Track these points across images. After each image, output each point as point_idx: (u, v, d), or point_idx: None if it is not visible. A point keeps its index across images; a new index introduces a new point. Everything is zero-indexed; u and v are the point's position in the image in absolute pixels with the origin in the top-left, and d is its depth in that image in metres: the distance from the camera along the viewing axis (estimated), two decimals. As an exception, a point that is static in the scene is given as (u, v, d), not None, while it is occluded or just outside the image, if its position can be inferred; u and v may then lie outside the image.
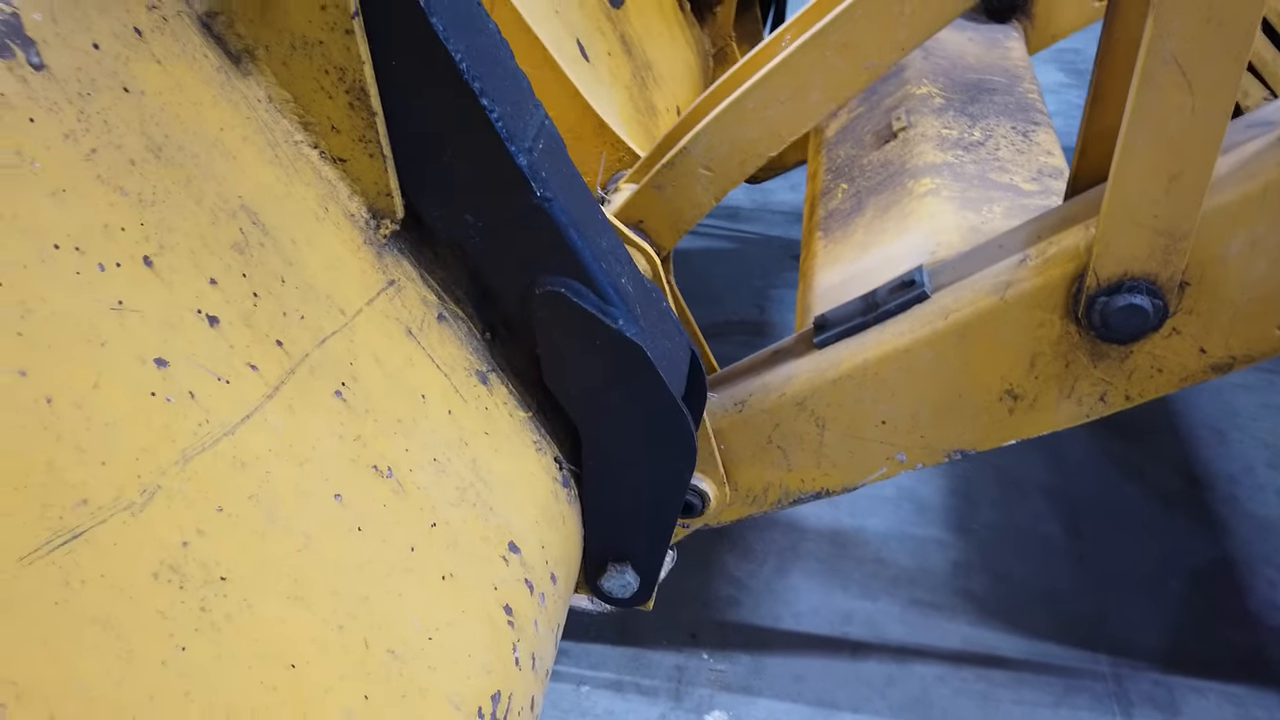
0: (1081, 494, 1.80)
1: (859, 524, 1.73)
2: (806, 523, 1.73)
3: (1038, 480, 1.82)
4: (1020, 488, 1.80)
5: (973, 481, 1.81)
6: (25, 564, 0.47)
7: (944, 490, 1.80)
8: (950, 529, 1.72)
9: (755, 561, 1.65)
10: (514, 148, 0.74)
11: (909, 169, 1.34)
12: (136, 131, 0.60)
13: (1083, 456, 1.87)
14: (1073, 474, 1.83)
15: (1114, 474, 1.83)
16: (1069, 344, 1.01)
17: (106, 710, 0.48)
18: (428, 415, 0.77)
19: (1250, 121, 0.92)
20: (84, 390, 0.52)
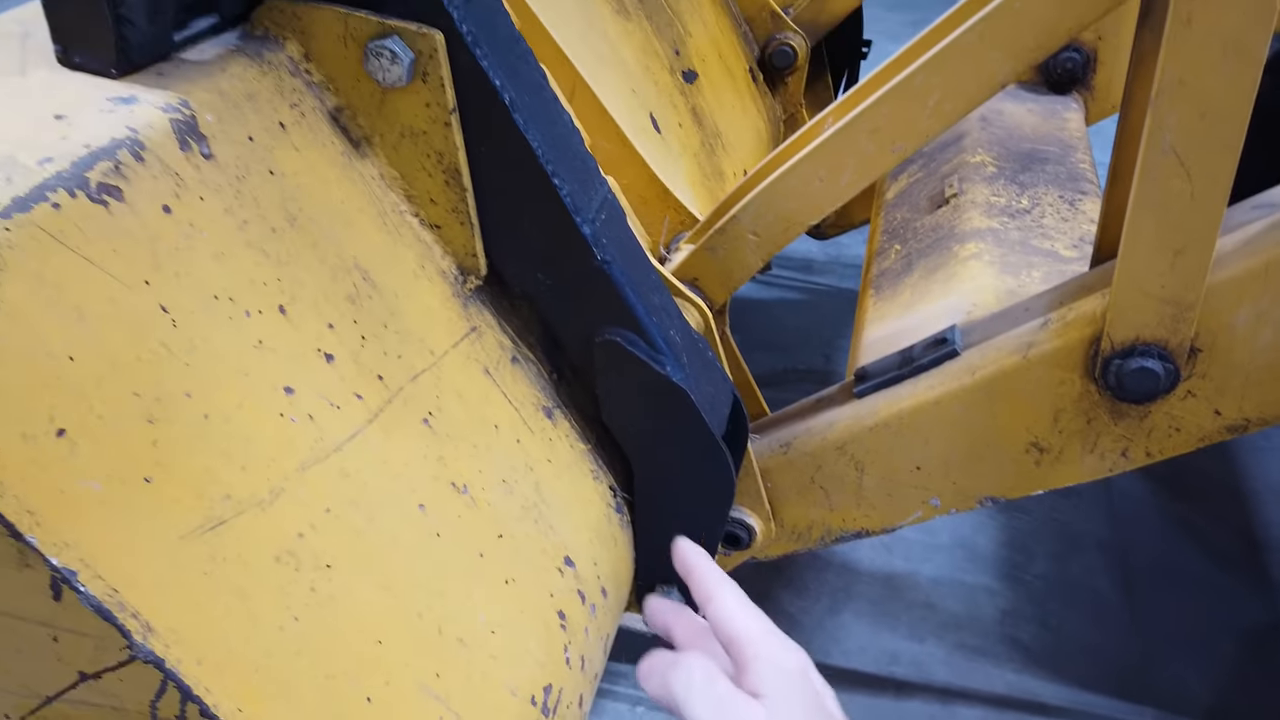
0: (1138, 550, 1.82)
1: (912, 569, 1.80)
2: (860, 565, 1.80)
3: (1094, 534, 1.86)
4: (1076, 540, 1.84)
5: (1027, 532, 1.86)
6: (184, 541, 0.61)
7: (997, 540, 1.85)
8: (1001, 578, 1.77)
9: (809, 599, 1.73)
10: (579, 219, 0.88)
11: (956, 233, 1.43)
12: (278, 205, 0.76)
13: (1141, 512, 1.90)
14: (1129, 529, 1.86)
15: (1172, 531, 1.85)
16: (1089, 402, 1.09)
17: (237, 660, 0.62)
18: (499, 443, 0.90)
19: (1256, 203, 1.00)
20: (231, 409, 0.67)
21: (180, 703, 0.58)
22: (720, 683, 0.66)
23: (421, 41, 0.79)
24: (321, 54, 0.82)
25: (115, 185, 0.64)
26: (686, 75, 1.56)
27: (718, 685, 0.66)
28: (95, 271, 0.61)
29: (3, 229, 0.57)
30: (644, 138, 1.31)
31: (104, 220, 0.63)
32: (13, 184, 0.60)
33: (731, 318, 2.45)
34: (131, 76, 0.72)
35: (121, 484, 0.59)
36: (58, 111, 0.67)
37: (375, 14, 0.78)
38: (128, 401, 0.61)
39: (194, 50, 0.78)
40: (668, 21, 1.56)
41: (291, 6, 0.80)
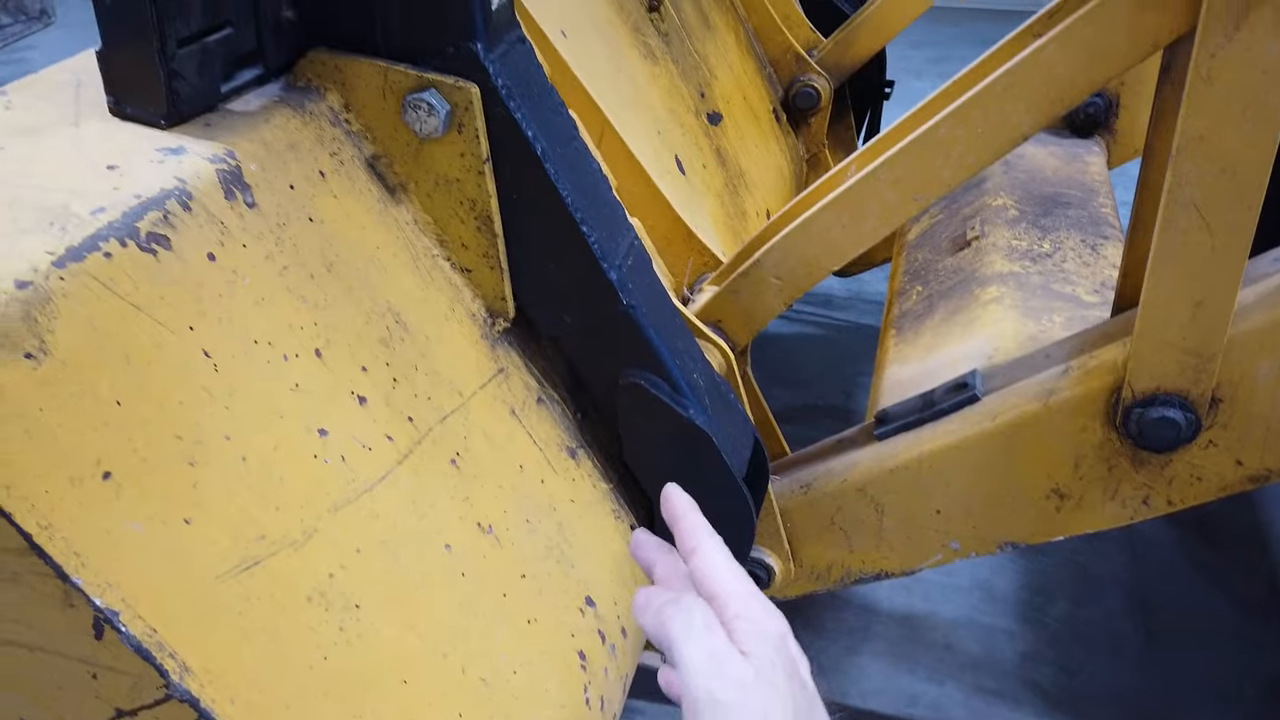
0: (1160, 595, 1.81)
1: (931, 609, 1.79)
2: (879, 605, 1.80)
3: (1116, 578, 1.84)
4: (1096, 584, 1.83)
5: (1047, 574, 1.85)
6: (220, 581, 0.63)
7: (1017, 582, 1.84)
8: (1021, 620, 1.76)
9: (827, 639, 1.73)
10: (606, 264, 0.90)
11: (978, 276, 1.44)
12: (316, 252, 0.78)
13: (1164, 557, 1.89)
14: (1152, 574, 1.85)
15: (1195, 578, 1.84)
16: (1110, 449, 1.09)
17: (268, 699, 0.63)
18: (524, 483, 0.92)
19: (1277, 255, 1.00)
20: (268, 451, 0.69)
21: (214, 740, 0.59)
22: (718, 633, 0.65)
23: (458, 94, 0.81)
24: (361, 105, 0.84)
25: (164, 234, 0.67)
26: (711, 117, 1.58)
27: (715, 635, 0.65)
28: (143, 318, 0.64)
29: (57, 278, 0.60)
30: (669, 180, 1.33)
31: (152, 268, 0.65)
32: (67, 233, 0.62)
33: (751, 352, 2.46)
34: (180, 127, 0.75)
35: (163, 525, 0.61)
36: (110, 162, 0.70)
37: (414, 68, 0.81)
38: (170, 444, 0.63)
39: (239, 101, 0.81)
40: (694, 65, 1.58)
41: (333, 59, 0.83)
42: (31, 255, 0.60)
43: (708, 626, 0.65)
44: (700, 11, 1.69)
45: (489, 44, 0.81)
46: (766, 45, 1.86)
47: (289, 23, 0.82)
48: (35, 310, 0.58)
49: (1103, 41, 0.89)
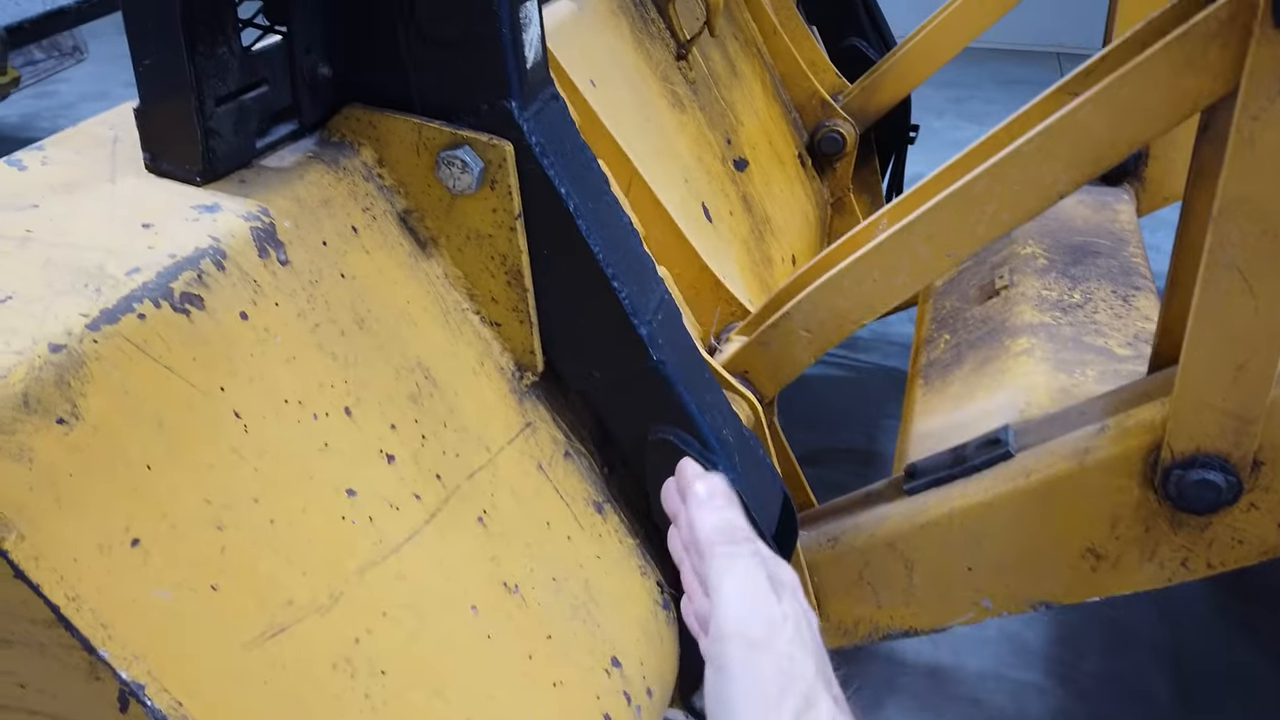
0: (1195, 654, 1.77)
1: (958, 662, 1.75)
2: (905, 657, 1.76)
3: (1149, 634, 1.80)
4: (1128, 639, 1.79)
5: (1078, 628, 1.81)
6: (246, 649, 0.62)
7: (1047, 635, 1.80)
8: (1051, 676, 1.72)
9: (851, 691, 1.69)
10: (637, 320, 0.89)
11: (1007, 327, 1.43)
12: (347, 308, 0.78)
13: (1200, 613, 1.85)
14: (1186, 630, 1.81)
15: (1231, 633, 1.79)
16: (1148, 510, 1.06)
17: (291, 769, 0.62)
18: (550, 540, 0.90)
19: (1322, 315, 0.98)
20: (296, 514, 0.68)
21: (237, 816, 0.58)
22: (759, 574, 0.65)
23: (492, 152, 0.81)
24: (394, 160, 0.84)
25: (197, 294, 0.66)
26: (738, 164, 1.58)
27: (757, 575, 0.65)
28: (175, 380, 0.63)
29: (90, 341, 0.59)
30: (696, 228, 1.33)
31: (185, 329, 0.65)
32: (102, 295, 0.62)
33: (775, 394, 2.43)
34: (215, 184, 0.75)
35: (190, 592, 0.60)
36: (146, 220, 0.70)
37: (448, 125, 0.81)
38: (199, 509, 0.62)
39: (274, 156, 0.81)
40: (721, 112, 1.59)
41: (367, 115, 0.83)
42: (66, 318, 0.60)
43: (749, 569, 0.64)
44: (727, 59, 1.70)
45: (524, 102, 0.81)
46: (792, 91, 1.87)
47: (324, 79, 0.83)
48: (68, 374, 0.57)
49: (1141, 103, 0.88)
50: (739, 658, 0.57)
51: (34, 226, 0.68)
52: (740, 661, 0.57)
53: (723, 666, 0.57)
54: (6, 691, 0.58)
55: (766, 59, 1.84)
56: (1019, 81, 4.38)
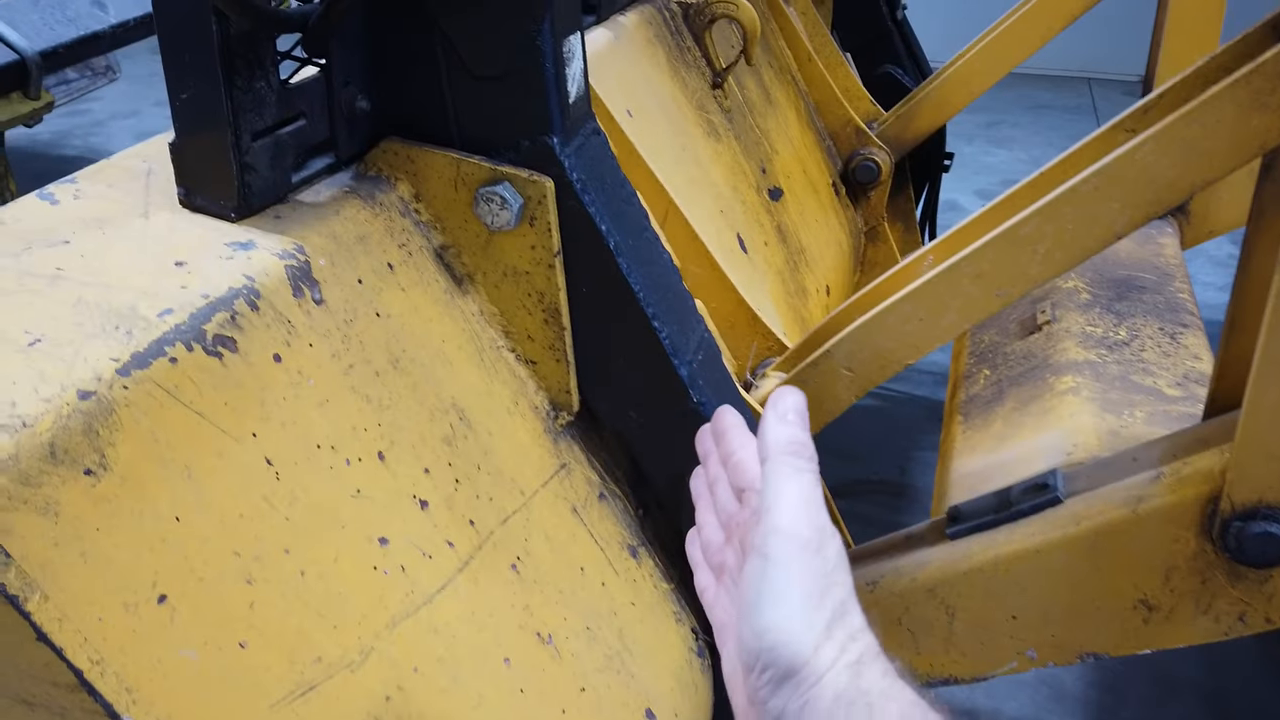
0: (1240, 699, 1.71)
1: (995, 706, 1.70)
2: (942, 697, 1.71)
3: (1192, 680, 1.74)
4: (1172, 686, 1.73)
5: (1119, 673, 1.76)
6: (274, 709, 0.59)
7: (1086, 679, 1.75)
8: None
9: (882, 733, 1.64)
10: (677, 360, 0.86)
11: (1051, 364, 1.39)
12: (382, 348, 0.76)
13: (1245, 659, 1.78)
14: (1232, 677, 1.75)
15: (1277, 680, 1.73)
16: (1204, 562, 1.02)
17: (318, 836, 0.59)
18: (585, 586, 0.87)
19: (1392, 363, 0.94)
20: (328, 564, 0.65)
21: None
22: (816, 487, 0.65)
23: (532, 188, 0.79)
24: (432, 195, 0.82)
25: (230, 336, 0.64)
26: (772, 193, 1.55)
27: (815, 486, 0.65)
28: (206, 426, 0.61)
29: (120, 387, 0.57)
30: (731, 260, 1.30)
31: (217, 372, 0.63)
32: (133, 338, 0.60)
33: (804, 424, 2.39)
34: (250, 220, 0.74)
35: (217, 651, 0.57)
36: (179, 258, 0.68)
37: (488, 160, 0.79)
38: (228, 561, 0.60)
39: (310, 190, 0.79)
40: (756, 141, 1.56)
41: (405, 149, 0.81)
42: (96, 362, 0.58)
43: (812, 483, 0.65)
44: (762, 87, 1.67)
45: (565, 137, 0.79)
46: (827, 118, 1.84)
47: (362, 112, 0.81)
48: (97, 423, 0.55)
49: (1206, 143, 0.84)
50: (790, 550, 0.61)
51: (65, 264, 0.66)
52: (790, 554, 0.60)
53: (771, 555, 0.61)
54: (26, 754, 0.56)
55: (801, 86, 1.82)
56: (1048, 107, 4.34)
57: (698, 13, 1.44)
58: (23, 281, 0.64)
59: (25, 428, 0.53)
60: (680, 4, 1.46)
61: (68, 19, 1.56)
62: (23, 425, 0.53)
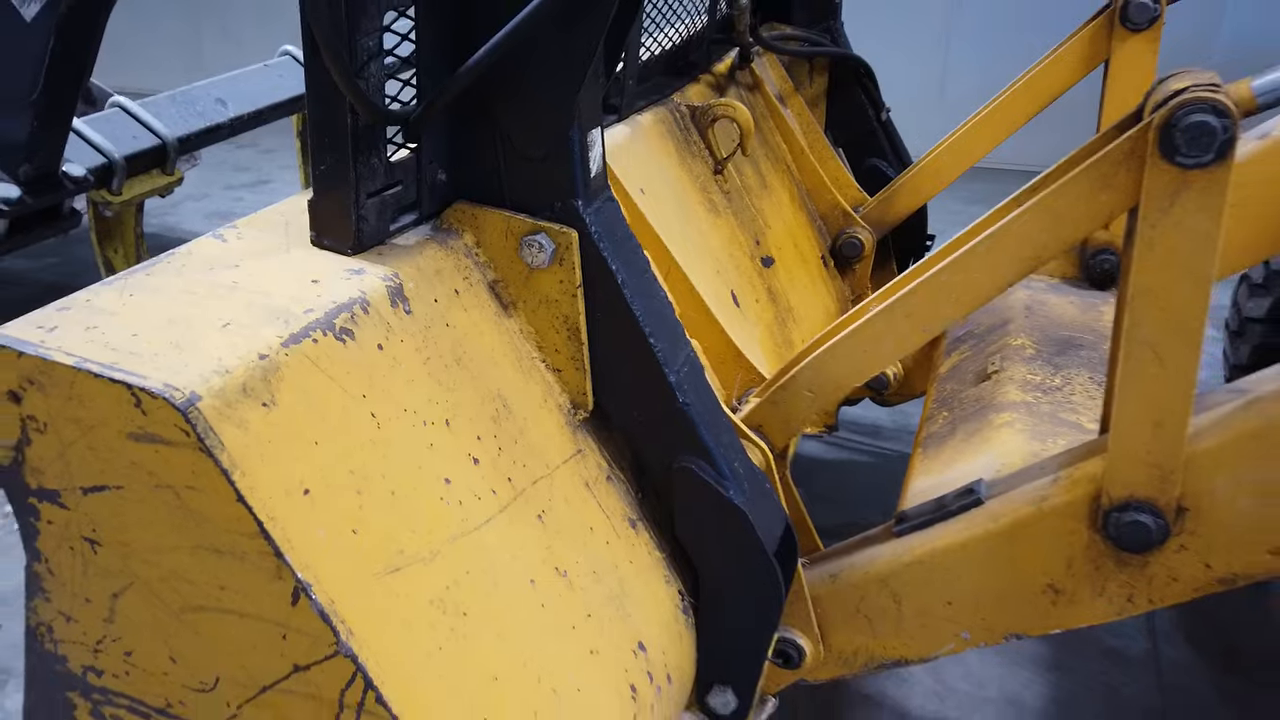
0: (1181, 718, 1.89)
1: (961, 717, 1.90)
2: (910, 711, 1.92)
3: (1141, 699, 1.93)
4: (1123, 704, 1.92)
5: (1074, 692, 1.95)
6: (373, 578, 0.86)
7: (1045, 697, 1.94)
8: (1048, 734, 1.86)
9: (860, 737, 1.85)
10: (668, 369, 1.14)
11: (994, 404, 1.65)
12: (449, 349, 1.04)
13: (1190, 683, 1.97)
14: (1178, 697, 1.93)
15: (1220, 702, 1.92)
16: (1096, 551, 1.26)
17: (401, 668, 0.85)
18: (593, 542, 1.14)
19: (1231, 388, 1.20)
20: (409, 490, 0.93)
21: (363, 690, 0.81)
22: None
23: (562, 238, 1.08)
24: (488, 242, 1.12)
25: (350, 329, 0.93)
26: (765, 261, 1.85)
27: None
28: (334, 386, 0.90)
29: (284, 354, 0.86)
30: (724, 310, 1.58)
31: (342, 352, 0.92)
32: (289, 325, 0.89)
33: (803, 474, 2.65)
34: (361, 255, 1.03)
35: (338, 533, 0.85)
36: (314, 277, 0.98)
37: (530, 217, 1.09)
38: (345, 476, 0.87)
39: (402, 237, 1.09)
40: (751, 218, 1.86)
41: (470, 209, 1.12)
42: (267, 338, 0.87)
43: None
44: (759, 174, 1.99)
45: (587, 202, 1.09)
46: (817, 202, 2.15)
47: (441, 182, 1.11)
48: (270, 374, 0.84)
49: (1068, 213, 1.12)
50: None
51: (238, 280, 0.96)
52: None
53: None
54: (209, 594, 0.83)
55: (795, 175, 2.13)
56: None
57: (703, 113, 1.76)
58: (212, 290, 0.94)
59: (228, 373, 0.81)
60: (689, 106, 1.78)
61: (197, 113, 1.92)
62: (226, 372, 0.81)
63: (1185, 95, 1.00)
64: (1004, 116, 2.02)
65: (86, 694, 0.94)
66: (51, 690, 0.95)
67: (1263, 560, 1.19)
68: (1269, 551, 1.18)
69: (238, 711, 0.88)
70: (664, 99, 1.76)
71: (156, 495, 0.80)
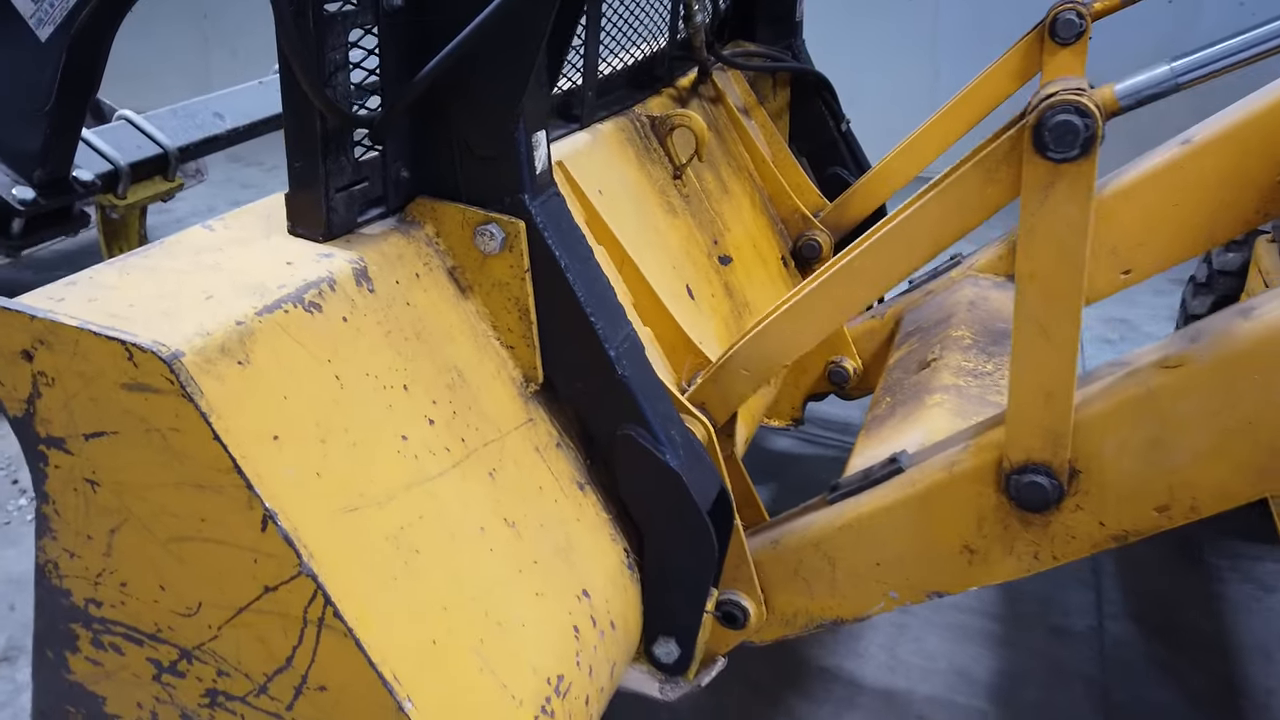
0: (1122, 689, 2.00)
1: (911, 687, 2.02)
2: (864, 681, 2.04)
3: (1083, 671, 2.05)
4: (1065, 675, 2.04)
5: (1022, 664, 2.07)
6: (333, 514, 0.99)
7: (992, 669, 2.06)
8: (992, 701, 1.98)
9: (815, 703, 1.97)
10: (608, 345, 1.27)
11: (929, 388, 1.77)
12: (410, 324, 1.18)
13: (1129, 657, 2.09)
14: (1118, 671, 2.05)
15: (1156, 675, 2.03)
16: (1003, 511, 1.38)
17: (357, 591, 0.98)
18: (541, 499, 1.27)
19: (1114, 362, 1.33)
20: (369, 443, 1.06)
21: (323, 607, 0.95)
22: None
23: (511, 227, 1.22)
24: (447, 232, 1.26)
25: (318, 302, 1.07)
26: (723, 259, 1.99)
27: None
28: (302, 350, 1.03)
29: (257, 321, 1.00)
30: (678, 302, 1.72)
31: (310, 322, 1.05)
32: (263, 298, 1.03)
33: (775, 467, 2.78)
34: (331, 242, 1.18)
35: (303, 474, 0.98)
36: (288, 260, 1.12)
37: (483, 209, 1.23)
38: (311, 427, 1.01)
39: (369, 227, 1.23)
40: (710, 219, 2.01)
41: (431, 203, 1.26)
42: (244, 308, 1.01)
43: None
44: (720, 179, 2.13)
45: (533, 195, 1.23)
46: (779, 207, 2.29)
47: (404, 179, 1.26)
48: (245, 337, 0.98)
49: (960, 205, 1.26)
50: None
51: (221, 262, 1.10)
52: None
53: None
54: (192, 526, 0.97)
55: (757, 181, 2.27)
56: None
57: (661, 123, 1.91)
58: (199, 269, 1.08)
59: (209, 335, 0.95)
60: (649, 116, 1.93)
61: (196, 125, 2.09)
62: (207, 334, 0.95)
63: (1054, 99, 1.14)
64: (948, 126, 2.16)
65: (88, 624, 1.08)
66: (56, 621, 1.09)
67: (1150, 517, 1.31)
68: (1155, 509, 1.31)
69: (218, 632, 1.01)
70: (625, 110, 1.90)
71: (147, 438, 0.94)
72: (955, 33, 5.18)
